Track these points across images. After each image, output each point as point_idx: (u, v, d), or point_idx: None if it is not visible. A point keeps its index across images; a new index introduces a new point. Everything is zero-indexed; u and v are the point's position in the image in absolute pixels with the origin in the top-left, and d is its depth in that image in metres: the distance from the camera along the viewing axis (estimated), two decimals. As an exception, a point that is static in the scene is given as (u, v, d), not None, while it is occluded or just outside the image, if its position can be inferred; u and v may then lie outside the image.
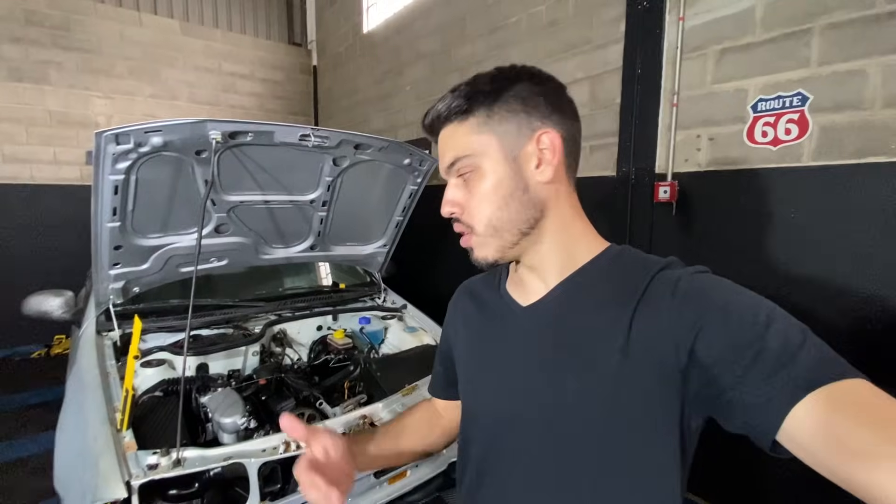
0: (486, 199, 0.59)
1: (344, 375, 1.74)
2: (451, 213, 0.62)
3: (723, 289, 0.52)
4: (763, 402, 0.44)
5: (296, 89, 5.72)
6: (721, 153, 1.99)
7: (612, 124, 2.40)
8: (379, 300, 2.38)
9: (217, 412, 1.34)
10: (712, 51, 1.99)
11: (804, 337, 0.45)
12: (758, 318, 0.47)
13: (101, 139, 1.19)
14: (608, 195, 2.39)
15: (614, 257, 0.63)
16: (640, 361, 0.52)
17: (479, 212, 0.60)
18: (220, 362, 1.69)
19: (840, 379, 0.42)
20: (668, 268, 0.57)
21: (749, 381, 0.44)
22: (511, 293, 0.69)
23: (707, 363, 0.48)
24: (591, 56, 2.49)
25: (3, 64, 3.96)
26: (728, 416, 0.48)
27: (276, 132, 1.45)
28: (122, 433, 1.21)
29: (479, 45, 3.23)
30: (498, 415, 0.65)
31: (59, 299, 1.82)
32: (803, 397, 0.42)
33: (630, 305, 0.54)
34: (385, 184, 1.95)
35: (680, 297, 0.52)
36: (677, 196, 2.11)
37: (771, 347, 0.44)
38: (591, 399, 0.55)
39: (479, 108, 0.59)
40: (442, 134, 0.62)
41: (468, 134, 0.60)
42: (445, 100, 0.61)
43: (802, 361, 0.43)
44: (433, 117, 0.62)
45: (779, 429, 0.43)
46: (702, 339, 0.48)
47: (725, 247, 1.99)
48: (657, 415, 0.53)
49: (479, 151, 0.59)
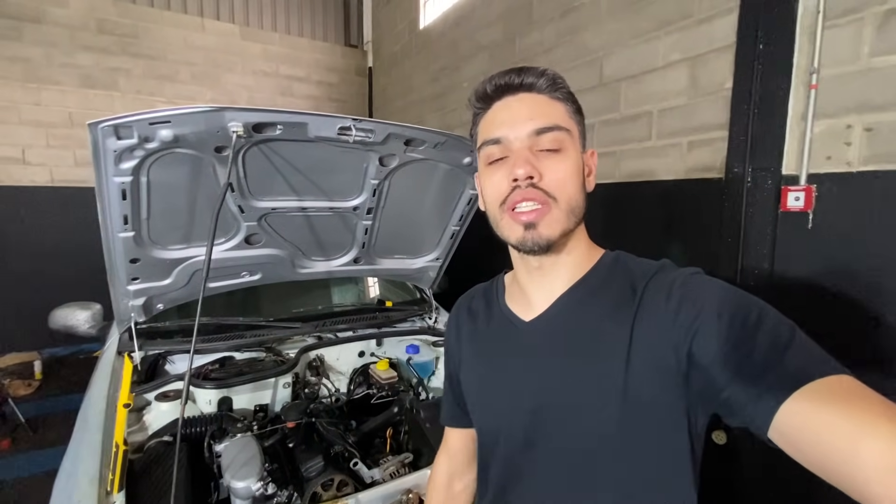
0: (572, 177, 0.59)
1: (386, 421, 1.43)
2: (528, 175, 0.56)
3: (715, 290, 0.53)
4: (754, 400, 0.45)
5: (351, 91, 5.63)
6: (883, 148, 1.49)
7: (719, 115, 1.94)
8: (430, 321, 2.06)
9: (229, 472, 1.08)
10: (871, 13, 1.50)
11: (792, 335, 0.46)
12: (748, 318, 0.48)
13: (96, 132, 0.97)
14: (713, 202, 1.93)
15: (611, 265, 0.64)
16: (644, 369, 0.54)
17: (567, 186, 0.58)
18: (245, 396, 1.45)
19: (825, 375, 0.43)
20: (661, 271, 0.58)
21: (741, 380, 0.46)
22: (511, 308, 0.68)
23: (704, 364, 0.49)
24: (691, 33, 2.04)
25: (76, 71, 4.12)
26: (728, 413, 0.48)
27: (311, 123, 1.18)
28: (113, 497, 0.97)
29: (548, 32, 2.85)
30: (512, 434, 0.64)
31: (87, 313, 1.67)
32: (791, 394, 0.42)
33: (629, 314, 0.56)
34: (440, 187, 1.63)
35: (675, 300, 0.53)
36: (815, 204, 1.63)
37: (761, 346, 0.46)
38: (602, 413, 0.55)
39: (572, 100, 0.63)
40: (530, 97, 0.60)
41: (566, 113, 0.61)
42: (538, 72, 0.60)
43: (790, 359, 0.44)
44: (531, 80, 0.60)
45: (769, 426, 0.43)
46: (697, 342, 0.50)
47: (882, 271, 1.48)
48: (667, 420, 0.54)
49: (572, 132, 0.61)
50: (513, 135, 0.58)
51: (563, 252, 0.62)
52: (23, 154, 4.02)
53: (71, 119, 4.15)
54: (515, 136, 0.58)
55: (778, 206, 1.71)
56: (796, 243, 1.69)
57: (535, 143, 0.58)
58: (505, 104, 0.60)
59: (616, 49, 2.38)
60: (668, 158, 2.16)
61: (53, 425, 2.91)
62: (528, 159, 0.57)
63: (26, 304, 4.01)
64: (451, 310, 0.81)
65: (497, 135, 0.59)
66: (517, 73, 0.60)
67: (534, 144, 0.58)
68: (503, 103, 0.61)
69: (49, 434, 2.80)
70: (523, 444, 0.62)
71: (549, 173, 0.57)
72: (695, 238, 2.04)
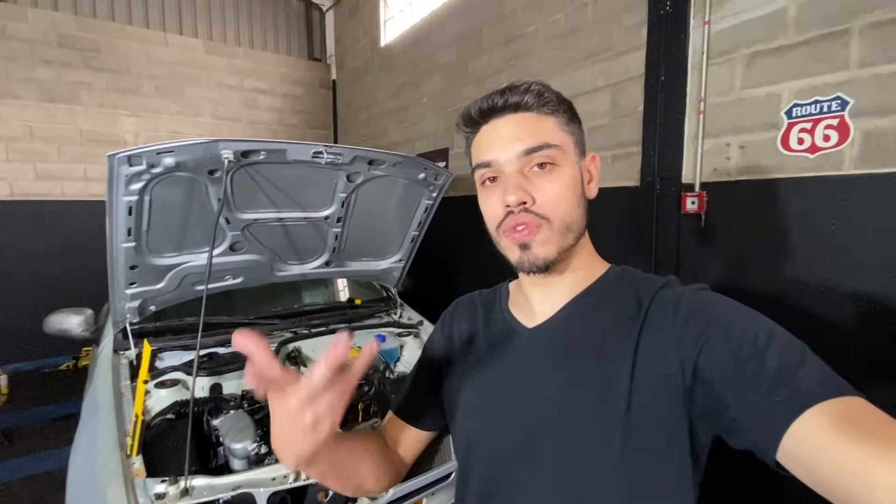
0: (565, 194, 0.58)
1: (358, 396, 1.69)
2: (521, 202, 0.56)
3: (723, 306, 0.53)
4: (762, 420, 0.44)
5: (315, 103, 5.79)
6: (753, 161, 1.88)
7: (634, 133, 2.31)
8: (395, 316, 2.33)
9: (228, 436, 1.31)
10: (741, 55, 1.89)
11: (803, 355, 0.45)
12: (758, 336, 0.47)
13: (113, 161, 1.19)
14: (631, 206, 2.29)
15: (616, 278, 0.64)
16: (648, 381, 0.52)
17: (560, 205, 0.58)
18: (233, 382, 1.66)
19: (836, 396, 0.42)
20: (667, 286, 0.58)
21: (749, 399, 0.45)
22: (514, 314, 0.68)
23: (710, 380, 0.48)
24: (612, 63, 2.42)
25: (37, 86, 4.13)
26: (732, 433, 0.48)
27: (289, 150, 1.43)
28: (132, 459, 1.19)
29: (496, 56, 3.19)
30: (506, 443, 0.61)
31: (79, 317, 1.83)
32: (800, 415, 0.41)
33: (635, 327, 0.55)
34: (400, 199, 1.92)
35: (682, 316, 0.53)
36: (706, 207, 2.01)
37: (770, 365, 0.45)
38: (604, 422, 0.54)
39: (563, 109, 0.61)
40: (517, 117, 0.59)
41: (555, 127, 0.60)
42: (521, 90, 0.59)
43: (801, 379, 0.43)
44: (516, 99, 0.59)
45: (778, 446, 0.42)
46: (704, 357, 0.49)
47: (758, 261, 1.87)
48: (669, 435, 0.53)
49: (564, 147, 0.59)
50: (502, 158, 0.58)
51: (566, 269, 0.62)
52: (-19, 168, 3.99)
53: (31, 133, 4.15)
54: (505, 160, 0.58)
55: (679, 209, 2.09)
56: (694, 240, 2.08)
57: (525, 164, 0.58)
58: (492, 127, 0.60)
59: (553, 74, 2.73)
60: (596, 169, 2.52)
61: (27, 435, 2.96)
62: (520, 184, 0.57)
63: (-14, 319, 3.98)
64: (445, 311, 0.79)
65: (487, 158, 0.60)
66: (500, 94, 0.59)
67: (524, 165, 0.58)
68: (490, 126, 0.61)
69: (23, 444, 2.86)
70: (515, 456, 0.60)
71: (542, 195, 0.57)
72: (618, 236, 2.40)
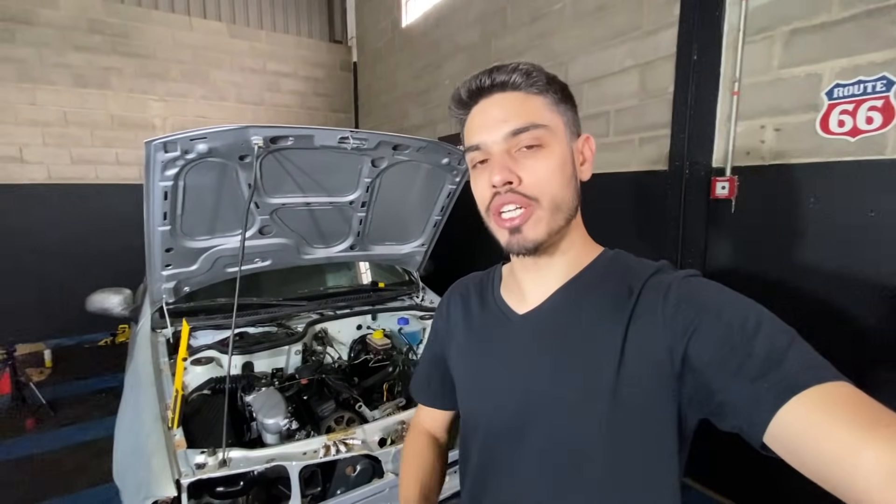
0: (554, 174, 0.58)
1: (383, 377, 1.74)
2: (506, 181, 0.56)
3: (713, 292, 0.53)
4: (750, 405, 0.44)
5: (336, 86, 5.80)
6: (789, 145, 1.82)
7: (663, 115, 2.25)
8: (417, 299, 2.37)
9: (261, 412, 1.37)
10: (780, 32, 1.81)
11: (791, 341, 0.46)
12: (747, 322, 0.47)
13: (150, 148, 1.23)
14: (658, 191, 2.25)
15: (608, 262, 0.63)
16: (637, 367, 0.53)
17: (548, 185, 0.57)
18: (264, 361, 1.73)
19: (824, 381, 0.42)
20: (659, 272, 0.58)
21: (738, 384, 0.45)
22: (506, 299, 0.68)
23: (699, 366, 0.49)
24: (641, 43, 2.34)
25: (69, 71, 4.25)
26: (720, 417, 0.48)
27: (316, 136, 1.45)
28: (173, 431, 1.26)
29: (521, 36, 3.12)
30: (499, 425, 0.64)
31: (119, 297, 1.92)
32: (788, 400, 0.42)
33: (625, 312, 0.55)
34: (423, 183, 1.92)
35: (672, 302, 0.53)
36: (737, 192, 1.95)
37: (759, 351, 0.45)
38: (592, 409, 0.55)
39: (553, 89, 0.60)
40: (505, 97, 0.59)
41: (544, 107, 0.59)
42: (509, 69, 0.58)
43: (788, 365, 0.44)
44: (503, 78, 0.58)
45: (765, 431, 0.43)
46: (694, 343, 0.49)
47: (790, 249, 1.82)
48: (656, 420, 0.54)
49: (552, 127, 0.59)
50: (490, 139, 0.58)
51: (556, 251, 0.62)
52: (20, 153, 4.16)
53: (66, 118, 4.29)
54: (493, 141, 0.58)
55: (709, 194, 2.04)
56: (723, 226, 2.03)
57: (513, 144, 0.57)
58: (481, 108, 0.60)
59: (579, 54, 2.67)
60: (622, 153, 2.47)
61: (69, 406, 3.15)
62: (505, 164, 0.56)
63: (30, 297, 4.21)
64: (444, 294, 0.81)
65: (476, 141, 0.60)
66: (488, 74, 0.59)
67: (512, 146, 0.57)
68: (479, 107, 0.60)
69: (68, 413, 3.05)
70: (507, 437, 0.62)
71: (528, 175, 0.56)
72: (644, 222, 2.36)
